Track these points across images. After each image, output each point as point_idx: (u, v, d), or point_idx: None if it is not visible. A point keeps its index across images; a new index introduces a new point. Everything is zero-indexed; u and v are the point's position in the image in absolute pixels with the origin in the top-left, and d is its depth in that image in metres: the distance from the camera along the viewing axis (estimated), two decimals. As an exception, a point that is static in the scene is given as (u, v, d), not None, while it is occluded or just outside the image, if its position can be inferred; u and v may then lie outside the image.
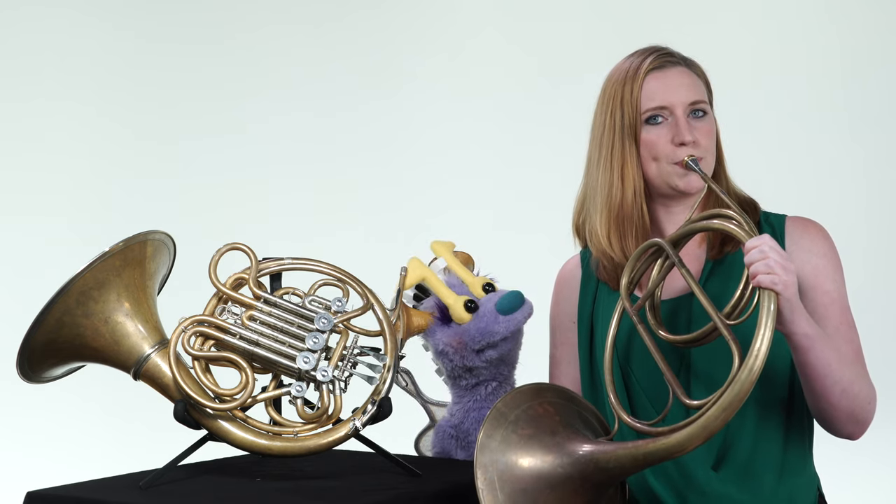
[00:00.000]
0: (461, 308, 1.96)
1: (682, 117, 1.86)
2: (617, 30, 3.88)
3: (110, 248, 1.73)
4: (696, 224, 1.74)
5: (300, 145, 4.07)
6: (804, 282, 1.86)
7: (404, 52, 4.07)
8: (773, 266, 1.60)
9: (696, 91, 1.89)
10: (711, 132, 1.90)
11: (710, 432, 1.58)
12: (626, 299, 1.79)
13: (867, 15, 3.79)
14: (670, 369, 1.71)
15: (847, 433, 1.83)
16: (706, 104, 1.90)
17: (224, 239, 1.83)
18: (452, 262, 2.03)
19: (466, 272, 2.02)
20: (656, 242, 1.78)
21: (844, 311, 1.86)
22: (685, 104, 1.87)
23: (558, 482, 1.63)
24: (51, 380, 1.83)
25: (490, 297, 1.98)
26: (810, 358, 1.72)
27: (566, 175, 3.51)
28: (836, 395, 1.76)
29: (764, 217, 1.94)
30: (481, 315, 1.96)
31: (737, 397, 1.56)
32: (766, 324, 1.58)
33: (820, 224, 1.93)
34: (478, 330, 1.95)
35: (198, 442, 1.75)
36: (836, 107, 3.78)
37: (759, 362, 1.55)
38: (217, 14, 4.13)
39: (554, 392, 1.75)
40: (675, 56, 1.92)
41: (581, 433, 1.69)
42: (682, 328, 1.85)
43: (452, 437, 2.02)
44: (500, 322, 1.95)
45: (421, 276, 1.99)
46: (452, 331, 1.97)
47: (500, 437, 1.64)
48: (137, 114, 4.08)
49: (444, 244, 2.06)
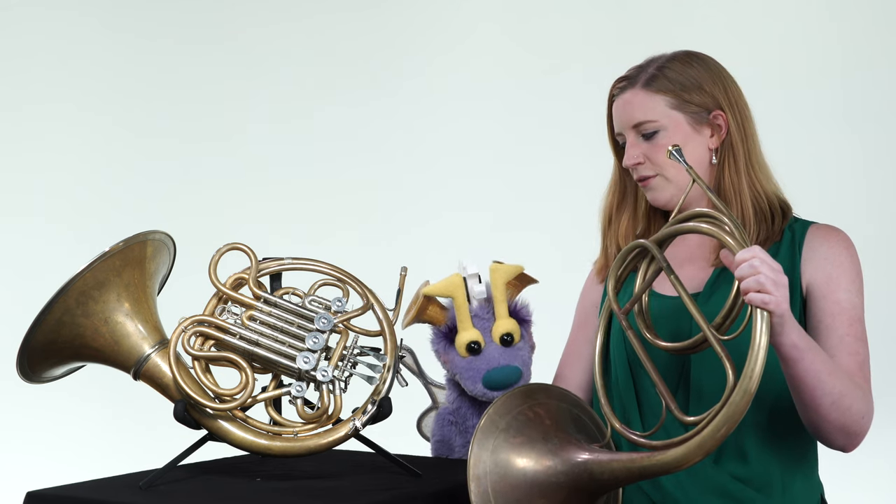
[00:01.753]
0: (464, 345, 1.95)
1: (632, 140, 1.94)
2: (618, 29, 3.87)
3: (110, 248, 1.73)
4: (682, 225, 1.71)
5: (300, 146, 4.06)
6: (815, 289, 1.85)
7: (404, 53, 4.06)
8: (763, 283, 1.57)
9: (642, 112, 1.92)
10: (665, 147, 1.90)
11: (707, 451, 1.56)
12: (614, 302, 1.77)
13: (867, 15, 3.79)
14: (662, 380, 1.69)
15: (839, 445, 1.81)
16: (653, 122, 1.91)
17: (224, 239, 1.83)
18: (497, 294, 1.96)
19: (503, 310, 1.96)
20: (641, 244, 1.75)
21: (854, 322, 1.84)
22: (629, 128, 1.94)
23: (552, 491, 1.62)
24: (51, 380, 1.83)
25: (495, 354, 1.94)
26: (799, 369, 1.70)
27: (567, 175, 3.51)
28: (825, 407, 1.73)
29: (791, 222, 1.93)
30: (472, 366, 1.94)
31: (732, 418, 1.53)
32: (760, 343, 1.55)
33: (843, 233, 1.91)
34: (461, 373, 1.95)
35: (198, 442, 1.75)
36: (836, 106, 3.78)
37: (755, 384, 1.53)
38: (217, 15, 4.13)
39: (545, 393, 1.73)
40: (630, 79, 1.95)
41: (574, 438, 1.67)
42: (685, 328, 1.85)
43: (452, 424, 2.03)
44: (479, 388, 1.94)
45: (451, 294, 1.96)
46: (446, 350, 1.97)
47: (491, 447, 1.63)
48: (137, 114, 4.07)
49: (505, 271, 1.99)
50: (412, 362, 2.09)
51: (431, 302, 1.98)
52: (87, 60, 4.06)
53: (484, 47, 3.99)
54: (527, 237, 3.63)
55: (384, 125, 4.04)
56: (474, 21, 4.02)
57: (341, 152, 4.05)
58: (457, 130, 3.99)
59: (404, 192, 4.00)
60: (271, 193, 4.03)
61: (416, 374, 2.10)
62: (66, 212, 4.01)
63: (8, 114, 4.01)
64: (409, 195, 4.00)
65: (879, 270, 3.66)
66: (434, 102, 4.01)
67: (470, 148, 3.97)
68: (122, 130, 4.07)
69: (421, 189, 3.98)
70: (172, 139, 4.08)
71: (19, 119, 4.02)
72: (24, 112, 4.02)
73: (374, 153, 4.04)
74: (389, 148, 4.04)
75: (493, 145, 3.96)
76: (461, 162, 3.97)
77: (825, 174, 3.74)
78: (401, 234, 3.92)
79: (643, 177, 1.93)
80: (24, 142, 4.02)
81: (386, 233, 3.95)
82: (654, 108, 1.91)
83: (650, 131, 1.91)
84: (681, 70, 1.92)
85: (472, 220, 3.84)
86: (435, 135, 4.01)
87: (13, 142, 4.01)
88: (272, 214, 4.00)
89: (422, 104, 4.02)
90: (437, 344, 1.99)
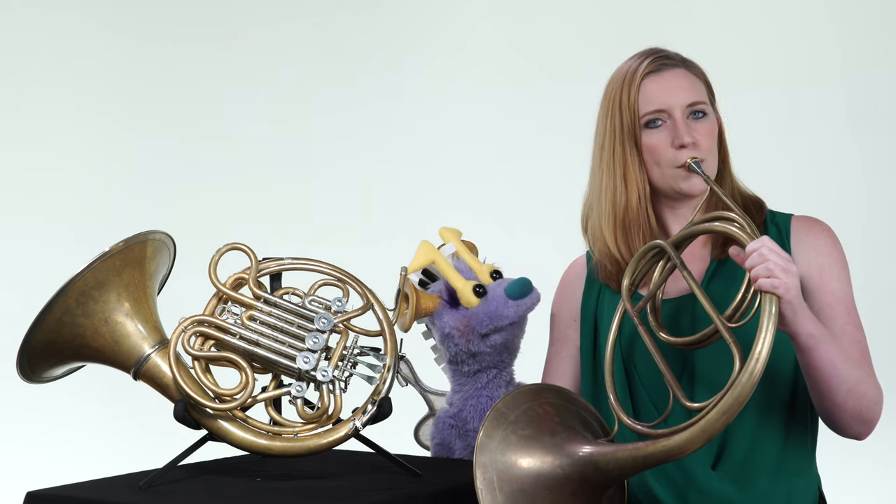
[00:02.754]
0: (470, 292, 1.97)
1: (681, 119, 1.86)
2: (618, 28, 3.88)
3: (110, 248, 1.73)
4: (698, 226, 1.74)
5: (300, 146, 4.06)
6: (809, 282, 1.86)
7: (404, 53, 4.07)
8: (773, 269, 1.60)
9: (694, 92, 1.88)
10: (712, 132, 1.89)
11: (711, 435, 1.57)
12: (627, 301, 1.79)
13: (867, 15, 3.79)
14: (671, 371, 1.70)
15: (854, 433, 1.82)
16: (705, 104, 1.89)
17: (224, 239, 1.83)
18: (461, 248, 2.03)
19: (474, 259, 2.03)
20: (658, 244, 1.78)
21: (850, 310, 1.85)
22: (683, 106, 1.87)
23: (557, 483, 1.63)
24: (51, 380, 1.83)
25: (499, 282, 1.99)
26: (815, 358, 1.71)
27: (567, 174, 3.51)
28: (841, 395, 1.75)
29: (770, 216, 1.93)
30: (490, 299, 1.96)
31: (737, 400, 1.55)
32: (767, 327, 1.57)
33: (826, 223, 1.92)
34: (486, 314, 1.96)
35: (198, 442, 1.75)
36: (837, 106, 3.78)
37: (760, 366, 1.55)
38: (217, 15, 4.13)
39: (554, 393, 1.75)
40: (672, 58, 1.91)
41: (581, 434, 1.69)
42: (686, 328, 1.85)
43: (452, 428, 2.02)
44: (510, 306, 1.95)
45: (431, 260, 2.00)
46: (460, 314, 1.97)
47: (499, 437, 1.64)
48: (137, 114, 4.08)
49: (453, 231, 2.06)
50: (408, 371, 2.09)
51: (420, 293, 1.98)
52: (87, 60, 4.07)
53: (483, 48, 3.99)
54: (527, 237, 3.63)
55: (384, 125, 4.04)
56: (474, 21, 4.02)
57: (341, 152, 4.05)
58: (456, 131, 3.99)
59: (404, 192, 4.01)
60: (271, 193, 4.04)
61: (412, 383, 2.10)
62: (66, 212, 4.01)
63: (8, 114, 4.01)
64: (408, 195, 4.00)
65: (879, 270, 3.67)
66: (434, 102, 4.01)
67: (470, 148, 3.97)
68: (122, 130, 4.07)
69: (421, 189, 3.98)
70: (172, 139, 4.08)
71: (19, 119, 4.02)
72: (24, 112, 4.02)
73: (373, 153, 4.04)
74: (389, 148, 4.04)
75: (492, 146, 3.96)
76: (461, 162, 3.97)
77: (825, 174, 3.74)
78: (401, 234, 3.91)
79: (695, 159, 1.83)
80: (24, 142, 4.02)
81: (386, 233, 3.95)
82: (701, 91, 1.90)
83: (703, 112, 1.88)
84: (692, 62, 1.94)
85: (471, 220, 3.82)
86: (435, 135, 4.01)
87: (13, 142, 4.01)
88: (272, 214, 4.00)
89: (421, 104, 4.02)
90: (448, 318, 1.97)
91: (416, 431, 2.15)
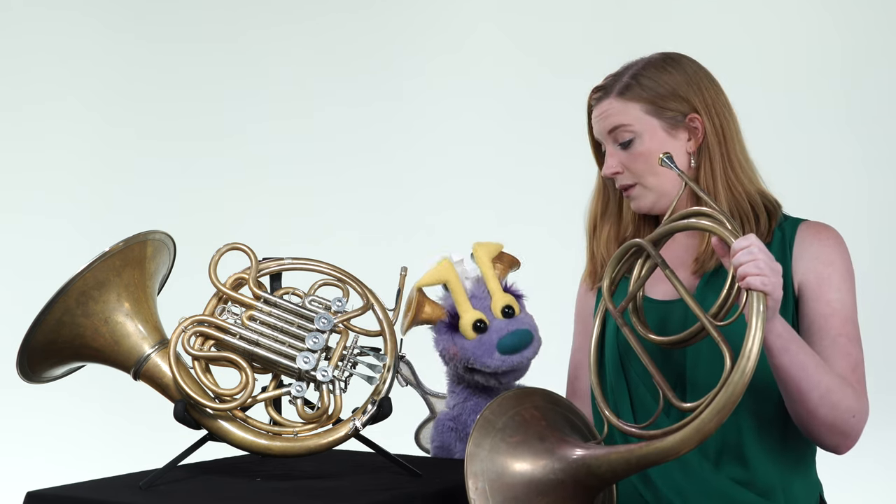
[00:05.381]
0: (469, 325, 1.95)
1: (610, 150, 1.95)
2: (618, 27, 3.88)
3: (110, 248, 1.73)
4: (676, 223, 1.73)
5: (300, 145, 4.06)
6: (807, 289, 1.85)
7: (404, 52, 4.06)
8: (762, 267, 1.59)
9: (616, 118, 1.92)
10: (642, 156, 1.91)
11: (704, 435, 1.56)
12: (608, 300, 1.79)
13: (867, 15, 3.79)
14: (659, 371, 1.70)
15: (831, 445, 1.80)
16: (628, 129, 1.91)
17: (224, 239, 1.83)
18: (486, 271, 1.99)
19: (496, 286, 1.98)
20: (637, 242, 1.78)
21: (846, 322, 1.83)
22: (606, 135, 1.95)
23: (550, 488, 1.62)
24: (51, 380, 1.83)
25: (501, 325, 1.95)
26: (784, 360, 1.70)
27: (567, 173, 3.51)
28: (813, 401, 1.73)
29: (781, 221, 1.92)
30: (482, 342, 1.94)
31: (730, 399, 1.54)
32: (757, 325, 1.56)
33: (835, 230, 1.90)
34: (474, 353, 1.94)
35: (198, 442, 1.75)
36: (837, 106, 3.78)
37: (752, 363, 1.54)
38: (217, 15, 4.13)
39: (539, 396, 1.73)
40: (606, 88, 1.95)
41: (569, 437, 1.68)
42: (674, 328, 1.85)
43: (452, 430, 2.02)
44: (495, 358, 1.94)
45: (444, 279, 1.98)
46: (453, 340, 1.97)
47: (488, 446, 1.63)
48: (137, 114, 4.08)
49: (487, 248, 2.02)
50: (409, 373, 2.09)
51: (426, 300, 1.98)
52: (87, 60, 4.06)
53: (483, 47, 3.99)
54: (528, 236, 3.62)
55: (384, 125, 4.04)
56: (474, 21, 4.02)
57: (341, 152, 4.05)
58: (456, 130, 3.99)
59: (404, 191, 4.00)
60: (271, 193, 4.03)
61: (413, 385, 2.10)
62: (67, 211, 4.01)
63: (8, 114, 4.01)
64: (408, 194, 4.00)
65: (879, 270, 3.67)
66: (434, 102, 4.01)
67: (470, 147, 3.97)
68: (122, 130, 4.07)
69: (421, 188, 3.98)
70: (172, 139, 4.08)
71: (19, 119, 4.02)
72: (24, 112, 4.02)
73: (373, 153, 4.03)
74: (389, 147, 4.04)
75: (493, 143, 3.96)
76: (461, 161, 3.97)
77: (825, 174, 3.74)
78: (401, 234, 3.92)
79: (623, 186, 1.95)
80: (24, 141, 4.02)
81: (386, 233, 3.95)
82: (628, 115, 1.91)
83: (626, 139, 1.91)
84: (655, 76, 1.92)
85: (472, 218, 3.84)
86: (434, 134, 4.01)
87: (13, 141, 4.01)
88: (272, 214, 4.00)
89: (421, 104, 4.02)
90: (442, 339, 1.98)
91: (416, 434, 2.14)
